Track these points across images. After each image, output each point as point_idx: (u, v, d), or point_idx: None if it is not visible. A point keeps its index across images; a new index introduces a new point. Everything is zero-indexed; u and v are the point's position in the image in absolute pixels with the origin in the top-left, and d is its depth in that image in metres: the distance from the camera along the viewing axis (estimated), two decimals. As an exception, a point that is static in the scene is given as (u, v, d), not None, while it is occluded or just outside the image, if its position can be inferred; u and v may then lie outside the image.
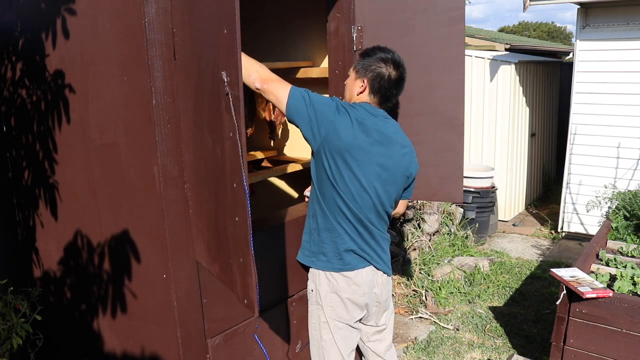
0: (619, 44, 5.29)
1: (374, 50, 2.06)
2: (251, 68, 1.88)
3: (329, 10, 2.42)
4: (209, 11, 1.51)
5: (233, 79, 1.41)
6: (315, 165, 2.00)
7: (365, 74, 2.03)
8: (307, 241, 2.10)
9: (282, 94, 1.89)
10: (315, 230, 2.04)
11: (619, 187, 5.16)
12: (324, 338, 2.08)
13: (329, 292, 2.04)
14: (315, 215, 2.04)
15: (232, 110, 1.43)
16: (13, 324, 1.91)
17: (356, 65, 2.07)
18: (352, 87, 2.07)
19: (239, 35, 1.36)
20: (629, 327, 2.44)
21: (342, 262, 2.01)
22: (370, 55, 2.04)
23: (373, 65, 2.02)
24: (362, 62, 2.05)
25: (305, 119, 1.89)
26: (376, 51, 2.05)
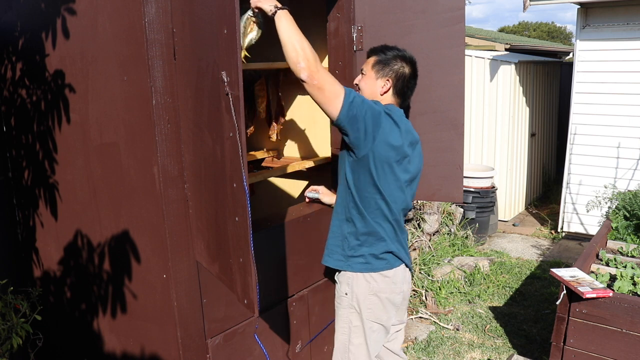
0: (619, 44, 5.29)
1: (386, 48, 2.01)
2: (300, 48, 1.74)
3: (329, 10, 2.42)
4: (209, 11, 1.51)
5: (233, 79, 1.41)
6: (357, 170, 1.93)
7: (387, 73, 1.99)
8: (339, 246, 2.04)
9: (335, 97, 1.78)
10: (353, 234, 1.99)
11: (619, 187, 5.16)
12: (354, 342, 2.03)
13: (368, 294, 2.01)
14: (352, 219, 1.98)
15: (232, 110, 1.43)
16: (13, 324, 1.91)
17: (374, 64, 2.00)
18: (373, 87, 2.00)
19: (239, 35, 1.36)
20: (629, 327, 2.44)
21: (382, 262, 2.00)
22: (386, 54, 1.99)
23: (393, 63, 1.98)
24: (380, 60, 1.99)
25: (360, 127, 1.82)
26: (390, 49, 2.00)
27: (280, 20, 1.74)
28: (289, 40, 1.73)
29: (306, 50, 1.74)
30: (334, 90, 1.78)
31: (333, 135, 2.59)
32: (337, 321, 2.09)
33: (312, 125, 3.02)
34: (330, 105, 1.79)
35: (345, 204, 2.01)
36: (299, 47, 1.73)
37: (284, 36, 1.74)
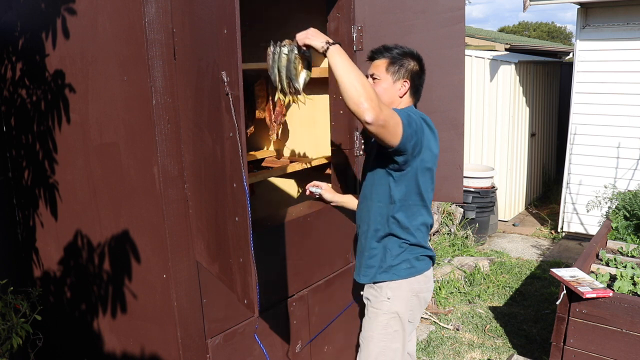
0: (619, 44, 5.29)
1: (391, 48, 1.96)
2: (361, 86, 1.60)
3: (329, 10, 2.42)
4: (209, 11, 1.51)
5: (233, 79, 1.41)
6: (402, 182, 1.91)
7: (404, 74, 1.94)
8: (378, 260, 2.00)
9: (397, 127, 1.70)
10: (395, 246, 1.98)
11: (619, 187, 5.16)
12: (392, 347, 2.02)
13: (411, 297, 2.02)
14: (394, 233, 1.96)
15: (232, 110, 1.43)
16: (13, 324, 1.91)
17: (388, 67, 1.94)
18: (391, 91, 1.95)
19: (239, 35, 1.36)
20: (629, 327, 2.44)
21: (422, 263, 2.03)
22: (395, 54, 1.94)
23: (406, 63, 1.93)
24: (393, 62, 1.93)
25: (414, 144, 1.80)
26: (394, 48, 1.95)
27: (334, 57, 1.66)
28: (347, 78, 1.61)
29: (367, 87, 1.61)
30: (395, 122, 1.68)
31: (333, 135, 2.59)
32: (372, 327, 2.03)
33: (312, 125, 3.02)
34: (392, 137, 1.70)
35: (383, 221, 1.96)
36: (359, 85, 1.60)
37: (340, 74, 1.63)
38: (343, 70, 1.62)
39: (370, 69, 1.98)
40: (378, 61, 1.96)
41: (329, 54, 1.67)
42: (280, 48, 1.86)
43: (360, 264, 2.07)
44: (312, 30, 1.77)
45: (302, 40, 1.76)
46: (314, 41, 1.72)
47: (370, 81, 1.94)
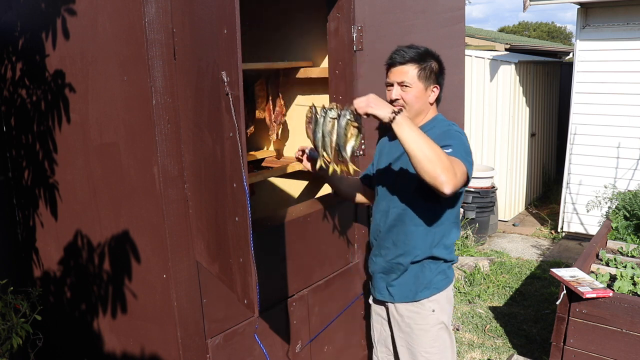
0: (619, 44, 5.30)
1: (416, 50, 1.85)
2: (435, 157, 1.54)
3: (329, 10, 2.42)
4: (209, 11, 1.50)
5: (233, 79, 1.41)
6: (446, 204, 1.88)
7: (434, 79, 1.86)
8: (413, 277, 1.96)
9: (465, 177, 1.66)
10: (433, 264, 1.96)
11: (619, 187, 5.16)
12: (447, 356, 2.02)
13: (448, 304, 2.04)
14: (435, 255, 1.94)
15: (232, 110, 1.43)
16: (13, 324, 1.91)
17: (419, 74, 1.83)
18: (423, 99, 1.87)
19: (239, 35, 1.36)
20: (629, 327, 2.44)
21: (451, 271, 2.05)
22: (423, 58, 1.83)
23: (434, 66, 1.85)
24: (423, 67, 1.83)
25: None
26: (419, 50, 1.85)
27: (401, 127, 1.57)
28: (419, 151, 1.54)
29: (441, 156, 1.55)
30: (463, 175, 1.64)
31: (333, 135, 2.59)
32: (423, 344, 1.98)
33: (312, 125, 3.01)
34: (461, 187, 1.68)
35: (426, 245, 1.92)
36: (433, 156, 1.54)
37: (412, 147, 1.55)
38: (414, 142, 1.54)
39: (399, 76, 1.85)
40: (406, 67, 1.84)
41: (396, 124, 1.57)
42: (327, 112, 1.76)
43: (387, 284, 2.02)
44: (373, 97, 1.65)
45: (363, 109, 1.63)
46: (378, 110, 1.60)
47: (398, 90, 1.85)
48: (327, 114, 1.75)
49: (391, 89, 1.89)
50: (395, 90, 1.87)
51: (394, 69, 1.86)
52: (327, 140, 1.75)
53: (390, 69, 1.88)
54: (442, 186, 1.53)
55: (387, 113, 1.59)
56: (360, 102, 1.65)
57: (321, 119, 1.76)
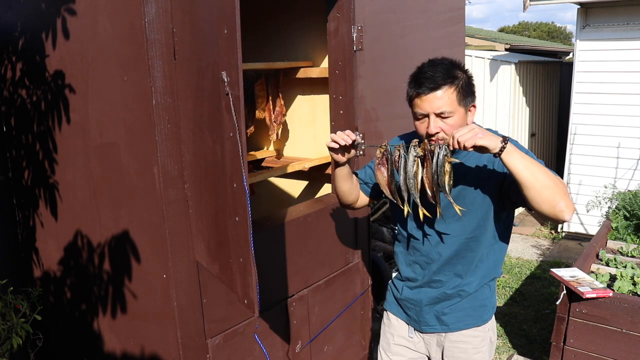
0: (619, 44, 5.29)
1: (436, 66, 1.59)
2: (552, 183, 1.42)
3: (329, 10, 2.42)
4: (209, 11, 1.50)
5: (233, 79, 1.41)
6: (510, 219, 1.77)
7: (472, 97, 1.63)
8: (480, 299, 1.82)
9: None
10: (493, 283, 1.86)
11: (619, 187, 5.16)
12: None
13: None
14: (498, 274, 1.84)
15: (232, 110, 1.43)
16: (13, 324, 1.91)
17: (458, 97, 1.57)
18: (463, 122, 1.61)
19: (239, 35, 1.36)
20: (629, 327, 2.44)
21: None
22: (455, 75, 1.58)
23: (465, 78, 1.61)
24: (461, 87, 1.57)
25: None
26: (451, 65, 1.61)
27: (512, 156, 1.41)
28: (534, 179, 1.41)
29: (557, 182, 1.43)
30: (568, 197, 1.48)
31: (333, 135, 2.59)
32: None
33: (312, 125, 3.01)
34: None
35: (494, 266, 1.79)
36: (550, 182, 1.41)
37: (526, 176, 1.41)
38: (529, 170, 1.40)
39: (434, 105, 1.56)
40: (441, 92, 1.55)
41: (507, 154, 1.41)
42: (410, 150, 1.55)
43: (439, 313, 1.82)
44: (477, 127, 1.46)
45: (470, 141, 1.41)
46: (487, 141, 1.41)
47: (437, 121, 1.58)
48: (410, 152, 1.54)
49: (425, 121, 1.60)
50: (432, 122, 1.58)
51: (425, 97, 1.57)
52: (412, 182, 1.55)
53: (420, 97, 1.58)
54: (563, 213, 1.40)
55: (498, 143, 1.41)
56: (464, 135, 1.43)
57: (402, 159, 1.56)
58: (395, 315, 1.96)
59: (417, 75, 1.59)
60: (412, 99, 1.61)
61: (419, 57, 2.40)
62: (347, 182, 1.83)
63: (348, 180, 1.82)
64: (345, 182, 1.82)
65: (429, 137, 1.58)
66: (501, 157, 1.42)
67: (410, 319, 1.90)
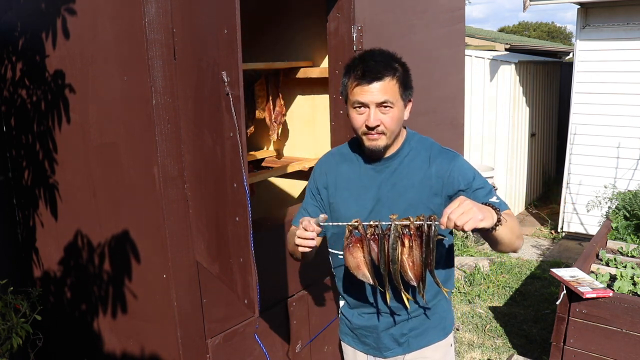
0: (619, 44, 5.29)
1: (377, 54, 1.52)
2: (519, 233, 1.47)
3: (329, 10, 2.42)
4: (209, 11, 1.50)
5: (233, 79, 1.41)
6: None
7: (411, 90, 1.55)
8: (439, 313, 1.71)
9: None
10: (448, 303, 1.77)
11: (619, 187, 5.16)
12: None
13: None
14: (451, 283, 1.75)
15: (232, 110, 1.43)
16: (13, 324, 1.91)
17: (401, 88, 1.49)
18: (402, 117, 1.54)
19: (239, 35, 1.36)
20: (629, 327, 2.44)
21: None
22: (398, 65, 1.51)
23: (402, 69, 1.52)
24: (404, 79, 1.51)
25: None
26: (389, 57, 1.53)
27: (504, 224, 1.37)
28: (511, 237, 1.43)
29: (518, 228, 1.48)
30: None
31: (333, 135, 2.59)
32: None
33: (312, 125, 3.01)
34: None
35: (448, 278, 1.70)
36: (518, 233, 1.47)
37: (506, 238, 1.41)
38: (509, 234, 1.41)
39: (378, 94, 1.46)
40: (385, 82, 1.46)
41: (500, 227, 1.35)
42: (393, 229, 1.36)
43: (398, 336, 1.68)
44: (471, 203, 1.29)
45: (471, 224, 1.26)
46: (487, 222, 1.30)
47: (377, 113, 1.47)
48: (392, 232, 1.36)
49: (364, 112, 1.48)
50: (373, 113, 1.46)
51: (367, 87, 1.45)
52: (396, 267, 1.39)
53: (361, 86, 1.46)
54: (518, 250, 1.51)
55: (494, 220, 1.33)
56: (462, 217, 1.26)
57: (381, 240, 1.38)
58: (351, 347, 1.79)
59: (358, 65, 1.48)
60: (351, 89, 1.49)
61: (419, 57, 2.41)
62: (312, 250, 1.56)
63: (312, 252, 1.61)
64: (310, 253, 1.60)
65: (369, 130, 1.48)
66: (488, 230, 1.33)
67: (369, 347, 1.73)
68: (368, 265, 1.42)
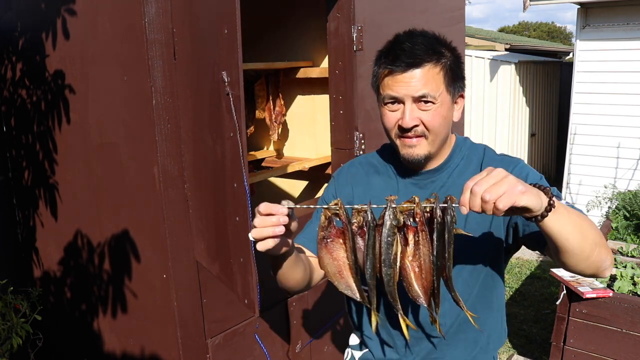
0: (619, 44, 5.29)
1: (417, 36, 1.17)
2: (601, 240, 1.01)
3: (329, 10, 2.42)
4: (209, 11, 1.50)
5: (233, 79, 1.41)
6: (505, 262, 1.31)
7: (462, 84, 1.21)
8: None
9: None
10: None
11: (619, 187, 5.16)
12: None
13: None
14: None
15: (232, 110, 1.43)
16: (13, 324, 1.91)
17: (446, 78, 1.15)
18: (451, 116, 1.20)
19: (239, 35, 1.36)
20: (629, 327, 2.44)
21: None
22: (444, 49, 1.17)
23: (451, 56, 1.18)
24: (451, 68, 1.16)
25: None
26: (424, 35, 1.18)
27: (560, 213, 0.94)
28: (583, 241, 0.97)
29: (602, 237, 1.02)
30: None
31: (333, 135, 2.59)
32: None
33: (312, 125, 3.01)
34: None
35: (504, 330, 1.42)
36: (600, 240, 1.00)
37: (573, 240, 0.96)
38: (579, 233, 0.96)
39: (414, 86, 1.12)
40: (426, 70, 1.12)
41: (554, 215, 0.92)
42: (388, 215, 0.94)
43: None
44: (514, 179, 0.88)
45: (507, 199, 0.86)
46: (530, 199, 0.88)
47: (414, 110, 1.13)
48: (386, 220, 0.93)
49: (398, 109, 1.15)
50: (409, 111, 1.13)
51: (401, 76, 1.13)
52: (389, 273, 0.96)
53: (393, 75, 1.14)
54: (605, 272, 1.03)
55: (543, 199, 0.91)
56: (494, 188, 0.86)
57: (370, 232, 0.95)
58: None
59: (391, 49, 1.18)
60: (381, 79, 1.17)
61: (419, 57, 2.40)
62: (299, 269, 1.18)
63: (299, 266, 1.18)
64: (295, 270, 1.17)
65: (403, 132, 1.15)
66: (543, 221, 0.92)
67: None
68: (353, 271, 0.99)
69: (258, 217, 0.98)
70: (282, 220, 0.96)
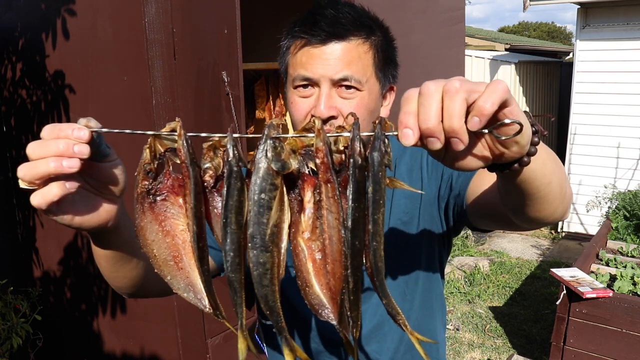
0: (619, 44, 5.30)
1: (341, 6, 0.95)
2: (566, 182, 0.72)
3: (329, 10, 2.43)
4: (209, 11, 1.51)
5: (233, 79, 1.41)
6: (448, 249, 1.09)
7: (395, 72, 0.99)
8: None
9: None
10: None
11: (619, 187, 5.16)
12: None
13: None
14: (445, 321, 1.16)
15: (232, 110, 1.43)
16: (13, 324, 1.91)
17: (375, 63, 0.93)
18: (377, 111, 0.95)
19: (239, 35, 1.36)
20: (629, 327, 2.44)
21: None
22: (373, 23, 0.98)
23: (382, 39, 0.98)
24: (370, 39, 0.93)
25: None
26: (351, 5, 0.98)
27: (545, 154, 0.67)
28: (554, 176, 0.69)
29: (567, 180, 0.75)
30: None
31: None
32: None
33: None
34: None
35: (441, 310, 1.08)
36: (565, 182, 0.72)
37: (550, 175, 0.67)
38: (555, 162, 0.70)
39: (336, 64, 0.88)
40: (352, 46, 0.89)
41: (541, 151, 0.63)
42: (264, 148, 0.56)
43: None
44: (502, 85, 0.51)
45: (496, 97, 0.51)
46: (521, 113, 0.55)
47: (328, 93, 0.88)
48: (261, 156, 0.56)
49: (312, 94, 0.90)
50: (326, 96, 0.88)
51: (319, 49, 0.89)
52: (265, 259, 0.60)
53: (307, 47, 0.90)
54: (565, 214, 0.75)
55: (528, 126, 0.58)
56: (470, 85, 0.53)
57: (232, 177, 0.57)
58: None
59: (309, 14, 0.95)
60: (292, 54, 0.92)
61: (419, 57, 2.41)
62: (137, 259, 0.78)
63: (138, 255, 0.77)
64: (131, 262, 0.77)
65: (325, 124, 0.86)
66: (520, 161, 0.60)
67: None
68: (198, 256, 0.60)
69: (37, 143, 0.58)
70: (78, 149, 0.56)
